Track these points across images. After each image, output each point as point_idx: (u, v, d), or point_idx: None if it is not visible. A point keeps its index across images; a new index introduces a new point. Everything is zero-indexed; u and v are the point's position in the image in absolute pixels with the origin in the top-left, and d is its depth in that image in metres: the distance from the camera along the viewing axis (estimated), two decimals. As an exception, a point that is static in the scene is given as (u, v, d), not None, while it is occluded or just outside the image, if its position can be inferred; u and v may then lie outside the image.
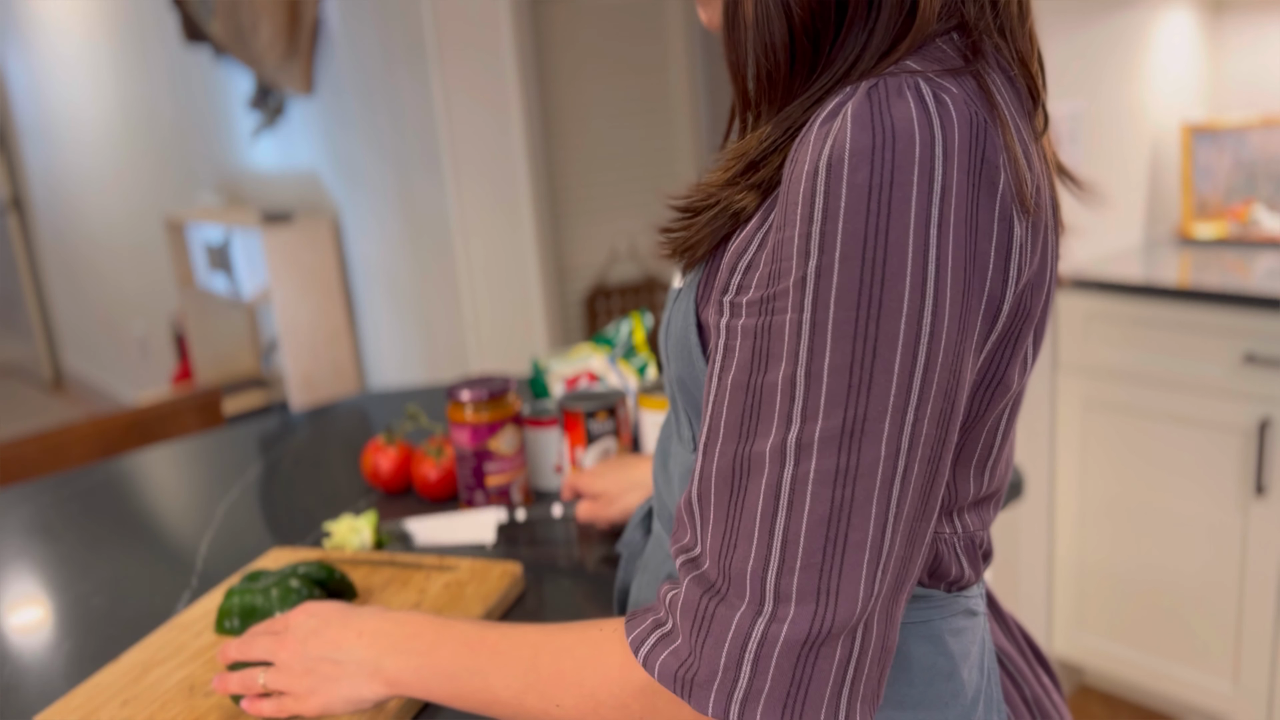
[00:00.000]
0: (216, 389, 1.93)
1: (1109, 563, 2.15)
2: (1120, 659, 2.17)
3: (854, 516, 0.54)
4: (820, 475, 0.54)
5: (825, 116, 0.55)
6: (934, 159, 0.53)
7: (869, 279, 0.52)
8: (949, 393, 0.55)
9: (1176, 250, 2.23)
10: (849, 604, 0.54)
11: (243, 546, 1.19)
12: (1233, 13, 2.36)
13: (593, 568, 1.08)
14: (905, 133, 0.53)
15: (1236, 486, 1.93)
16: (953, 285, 0.54)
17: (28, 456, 1.70)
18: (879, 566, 0.54)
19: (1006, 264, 0.56)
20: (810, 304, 0.53)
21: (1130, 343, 2.01)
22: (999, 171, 0.55)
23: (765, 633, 0.54)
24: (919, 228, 0.53)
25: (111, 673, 0.91)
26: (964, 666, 0.69)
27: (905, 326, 0.53)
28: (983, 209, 0.54)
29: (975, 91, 0.57)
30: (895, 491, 0.54)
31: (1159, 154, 2.32)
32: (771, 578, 0.54)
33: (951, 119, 0.54)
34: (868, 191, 0.52)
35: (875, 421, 0.53)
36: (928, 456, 0.55)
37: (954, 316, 0.54)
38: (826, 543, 0.54)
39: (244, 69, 3.19)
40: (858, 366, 0.53)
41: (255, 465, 1.47)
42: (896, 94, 0.54)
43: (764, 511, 0.55)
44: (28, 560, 1.22)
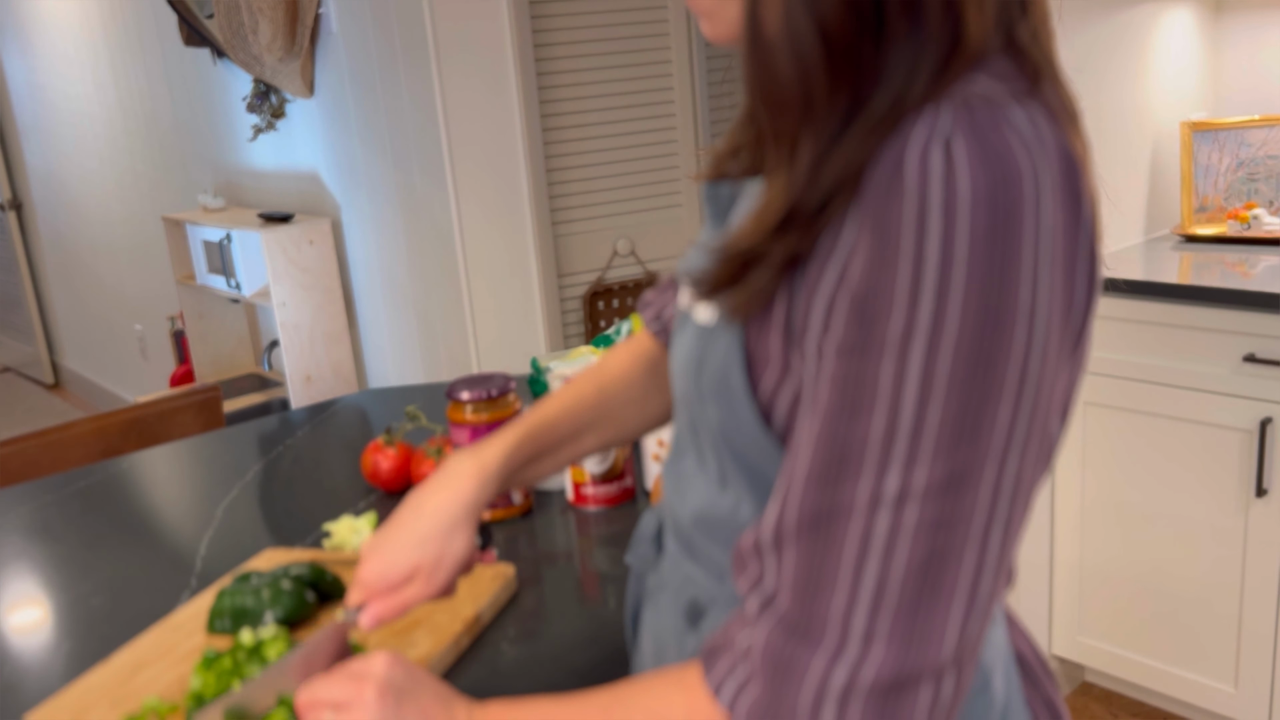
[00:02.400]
0: (216, 389, 1.93)
1: (1109, 562, 2.15)
2: (1120, 659, 2.17)
3: (949, 563, 0.53)
4: (920, 523, 0.52)
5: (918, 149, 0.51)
6: (1039, 197, 0.51)
7: (988, 328, 0.51)
8: (1045, 431, 0.55)
9: (1177, 250, 2.23)
10: (938, 646, 0.53)
11: (242, 546, 1.19)
12: (1233, 13, 2.36)
13: (591, 568, 1.08)
14: (1016, 171, 0.51)
15: (1237, 486, 1.93)
16: (1050, 326, 0.53)
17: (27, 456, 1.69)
18: (972, 608, 0.54)
19: (1090, 296, 0.55)
20: (922, 353, 0.51)
21: (1130, 342, 2.01)
22: (1083, 202, 0.54)
23: (851, 675, 0.53)
24: (1030, 271, 0.51)
25: (102, 673, 0.91)
26: (994, 677, 0.69)
27: (1011, 373, 0.52)
28: (1074, 240, 0.53)
29: (1049, 115, 0.55)
30: (995, 535, 0.54)
31: (1159, 153, 2.32)
32: (860, 619, 0.53)
33: (1052, 149, 0.52)
34: (990, 236, 0.50)
35: (978, 470, 0.52)
36: (1025, 497, 0.55)
37: (1050, 356, 0.53)
38: (923, 587, 0.53)
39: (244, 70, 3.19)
40: (970, 414, 0.51)
41: (255, 465, 1.47)
42: (994, 128, 0.51)
43: (854, 557, 0.53)
44: (27, 560, 1.22)
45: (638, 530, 0.86)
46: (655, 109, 2.87)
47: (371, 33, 2.69)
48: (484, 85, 2.55)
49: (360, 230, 3.00)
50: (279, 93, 3.15)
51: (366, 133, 2.83)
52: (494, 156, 2.60)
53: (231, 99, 3.42)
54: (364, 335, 3.15)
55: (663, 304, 0.96)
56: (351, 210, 3.01)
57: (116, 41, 4.09)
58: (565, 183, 2.78)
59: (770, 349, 0.60)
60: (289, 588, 0.95)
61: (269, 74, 3.02)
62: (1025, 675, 0.77)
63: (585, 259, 2.87)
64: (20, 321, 5.99)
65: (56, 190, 5.16)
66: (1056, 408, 0.56)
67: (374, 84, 2.74)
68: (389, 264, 2.92)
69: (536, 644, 0.94)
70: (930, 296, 0.51)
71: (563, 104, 2.73)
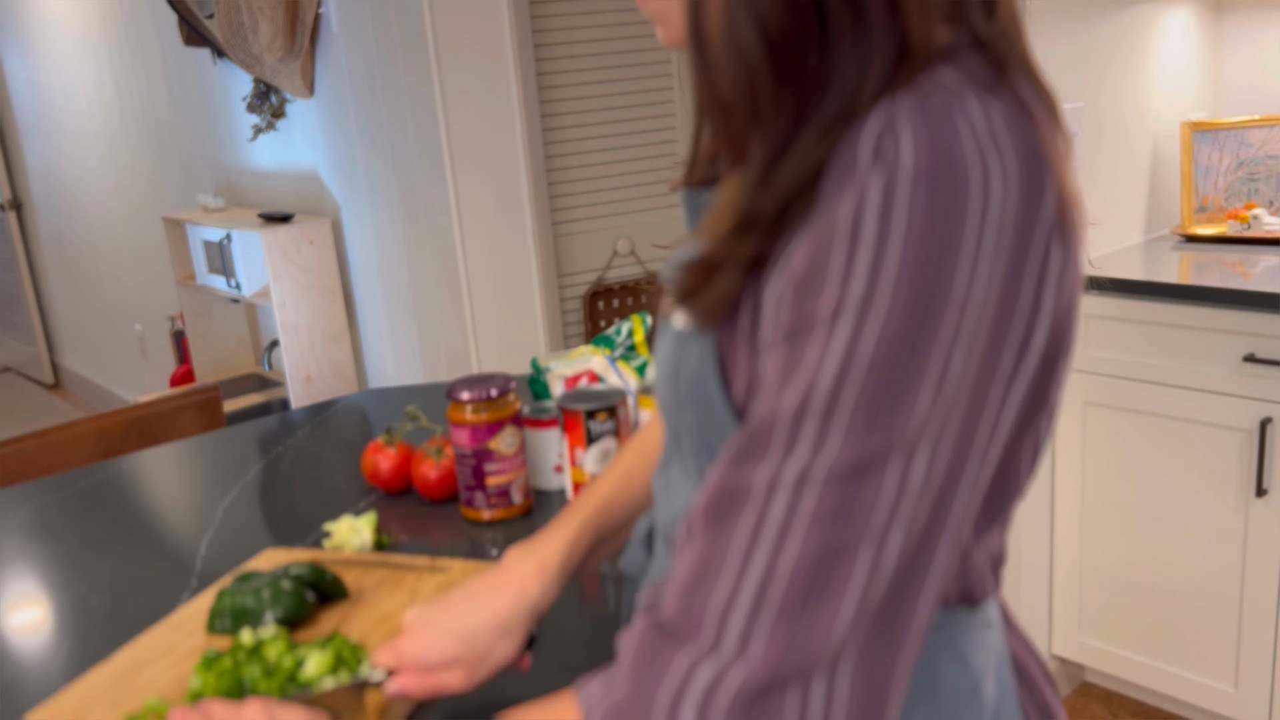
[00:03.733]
0: (216, 389, 1.93)
1: (1109, 562, 2.15)
2: (1120, 659, 2.17)
3: (841, 559, 0.50)
4: (817, 512, 0.50)
5: (869, 135, 0.51)
6: (989, 184, 0.50)
7: (919, 309, 0.49)
8: (964, 430, 0.52)
9: (1177, 250, 2.23)
10: (815, 650, 0.50)
11: (242, 546, 1.19)
12: (1233, 12, 2.36)
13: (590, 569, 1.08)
14: (962, 159, 0.50)
15: (1237, 486, 1.93)
16: (988, 318, 0.51)
17: (27, 456, 1.69)
18: (860, 614, 0.50)
19: (1041, 292, 0.53)
20: (848, 333, 0.49)
21: (1130, 342, 2.01)
22: (1047, 197, 0.52)
23: (715, 677, 0.50)
24: (972, 260, 0.50)
25: (102, 673, 0.91)
26: (985, 682, 0.68)
27: (936, 360, 0.50)
28: (1029, 238, 0.52)
29: (1017, 110, 0.54)
30: (894, 538, 0.50)
31: (1159, 153, 2.32)
32: (738, 617, 0.50)
33: (1006, 143, 0.51)
34: (928, 219, 0.49)
35: (885, 460, 0.50)
36: (935, 499, 0.52)
37: (983, 351, 0.51)
38: (811, 586, 0.49)
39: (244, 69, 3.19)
40: (887, 400, 0.49)
41: (255, 465, 1.47)
42: (945, 116, 0.51)
43: (743, 545, 0.50)
44: (27, 560, 1.22)
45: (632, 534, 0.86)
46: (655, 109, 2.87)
47: (371, 33, 2.69)
48: (484, 85, 2.55)
49: (360, 230, 3.00)
50: (279, 93, 3.15)
51: (366, 133, 2.84)
52: (494, 156, 2.60)
53: (231, 99, 3.42)
54: (364, 335, 3.15)
55: None
56: (351, 210, 3.02)
57: (116, 42, 4.09)
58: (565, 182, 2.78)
59: (740, 355, 0.59)
60: (289, 588, 0.95)
61: (269, 74, 3.02)
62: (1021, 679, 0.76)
63: (585, 259, 2.88)
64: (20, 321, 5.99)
65: (56, 190, 5.16)
66: (988, 421, 0.53)
67: (374, 84, 2.74)
68: (389, 264, 2.92)
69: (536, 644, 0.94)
70: (863, 273, 0.49)
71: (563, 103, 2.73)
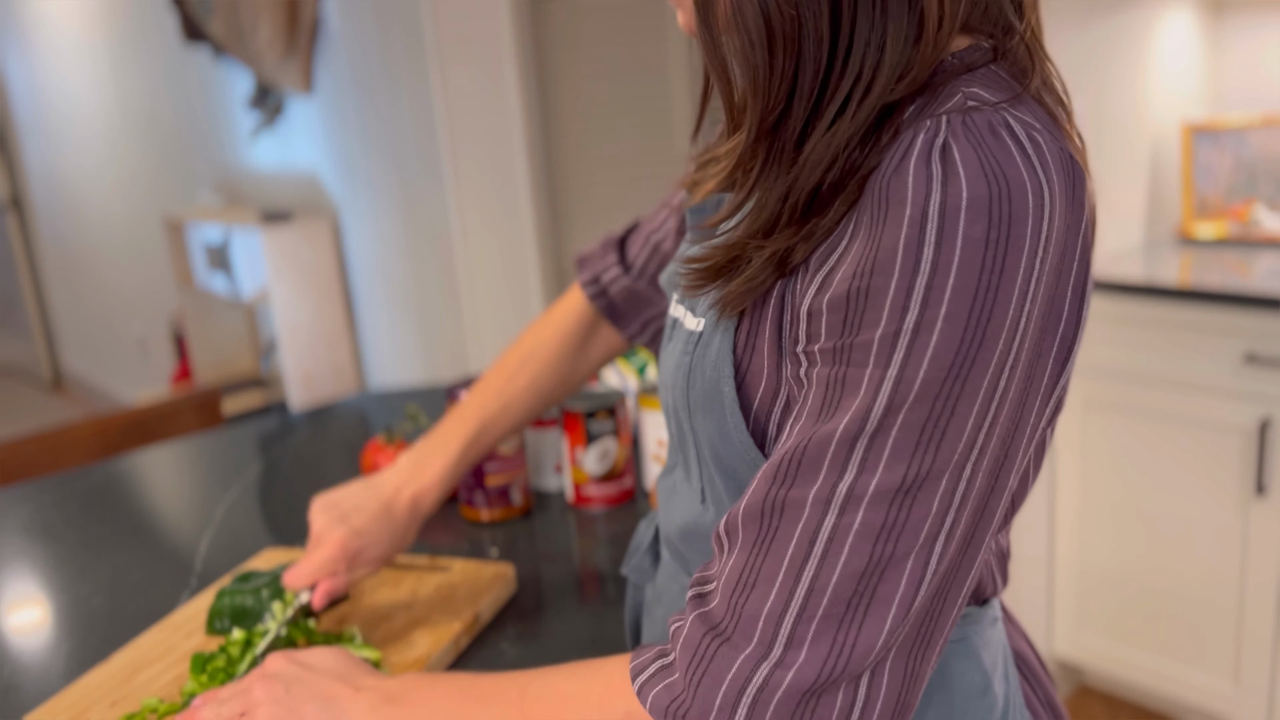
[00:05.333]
0: (216, 389, 1.93)
1: (1109, 563, 2.15)
2: (1121, 659, 2.17)
3: (889, 571, 0.52)
4: (865, 529, 0.51)
5: (920, 157, 0.51)
6: (1043, 210, 0.50)
7: (970, 337, 0.50)
8: (1006, 441, 0.53)
9: (1177, 250, 2.23)
10: (863, 654, 0.52)
11: (242, 546, 1.19)
12: (1233, 13, 2.36)
13: (591, 568, 1.08)
14: (1018, 182, 0.50)
15: (1237, 487, 1.93)
16: (1033, 336, 0.52)
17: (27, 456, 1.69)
18: (904, 619, 0.52)
19: (1081, 304, 0.54)
20: (901, 359, 0.50)
21: (1131, 343, 2.01)
22: (1084, 210, 0.53)
23: (768, 678, 0.52)
24: (1024, 283, 0.50)
25: (101, 673, 0.91)
26: (995, 678, 0.69)
27: (988, 384, 0.51)
28: (1069, 253, 0.52)
29: (1050, 122, 0.54)
30: (938, 548, 0.52)
31: (1159, 154, 2.32)
32: (788, 623, 0.52)
33: (1049, 161, 0.51)
34: (984, 246, 0.49)
35: (935, 480, 0.51)
36: (976, 509, 0.53)
37: (1026, 366, 0.52)
38: (855, 595, 0.52)
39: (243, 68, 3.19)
40: (931, 425, 0.51)
41: (255, 465, 1.47)
42: (993, 135, 0.51)
43: (794, 557, 0.53)
44: (28, 560, 1.22)
45: (634, 540, 0.86)
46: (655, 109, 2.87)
47: (371, 31, 2.69)
48: (483, 84, 2.55)
49: (360, 230, 3.00)
50: (279, 92, 3.15)
51: (366, 132, 2.83)
52: (493, 156, 2.60)
53: (231, 99, 3.42)
54: (363, 336, 3.15)
55: (601, 267, 0.99)
56: (351, 210, 3.01)
57: (116, 41, 4.09)
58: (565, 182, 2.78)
59: (762, 361, 0.60)
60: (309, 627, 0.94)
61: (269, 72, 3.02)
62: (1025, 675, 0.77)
63: (585, 259, 2.87)
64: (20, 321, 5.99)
65: (56, 190, 5.16)
66: (1026, 430, 0.54)
67: (373, 83, 2.74)
68: (388, 264, 2.92)
69: (536, 644, 0.94)
70: (918, 302, 0.50)
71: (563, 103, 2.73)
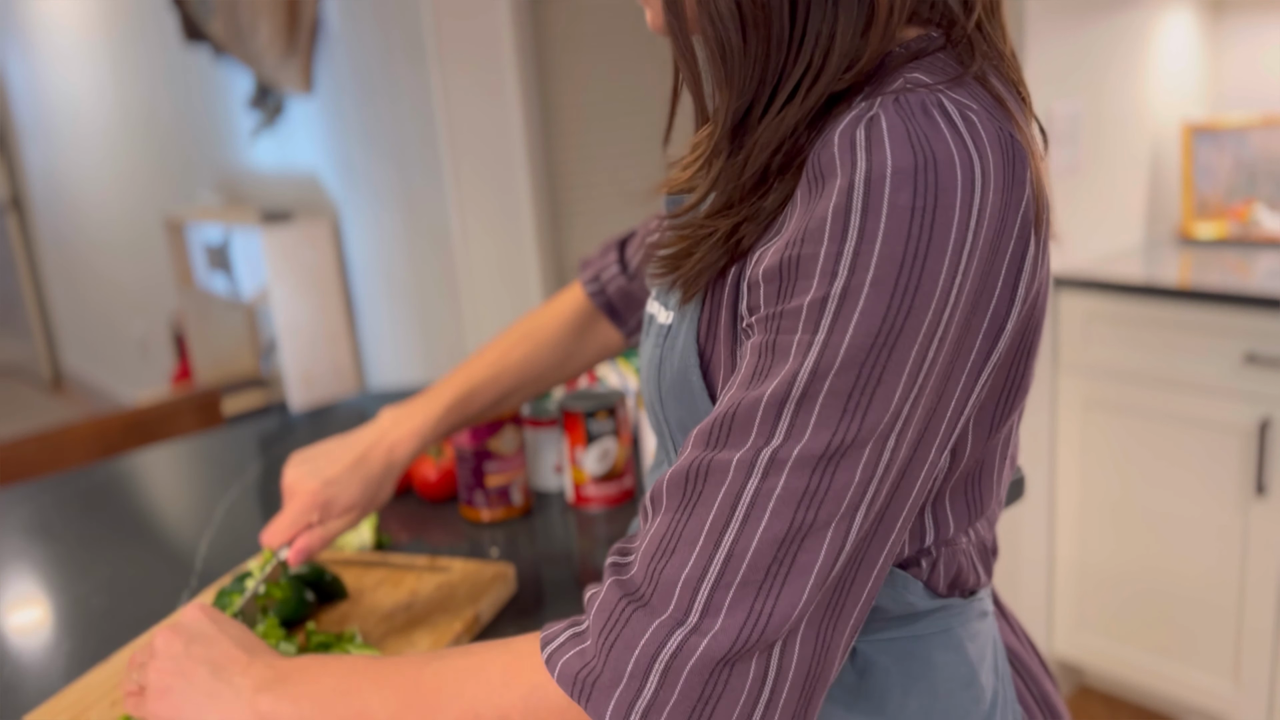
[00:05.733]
0: (216, 389, 1.93)
1: (1109, 563, 2.15)
2: (1121, 659, 2.17)
3: (809, 539, 0.51)
4: (787, 494, 0.51)
5: (847, 131, 0.52)
6: (974, 183, 0.51)
7: (897, 306, 0.50)
8: (929, 414, 0.53)
9: (1177, 250, 2.23)
10: (778, 623, 0.51)
11: (242, 546, 1.19)
12: (1233, 12, 2.36)
13: (591, 568, 1.08)
14: (945, 154, 0.51)
15: (1237, 486, 1.93)
16: (962, 310, 0.52)
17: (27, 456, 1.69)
18: (820, 590, 0.52)
19: (1016, 283, 0.54)
20: (828, 325, 0.51)
21: (1131, 343, 2.01)
22: (1025, 189, 0.53)
23: (682, 644, 0.51)
24: (954, 255, 0.51)
25: (102, 673, 0.91)
26: (982, 671, 0.69)
27: (915, 354, 0.51)
28: (1007, 231, 0.53)
29: (992, 104, 0.55)
30: (859, 518, 0.52)
31: (1159, 154, 2.32)
32: (705, 589, 0.52)
33: (983, 139, 0.52)
34: (910, 214, 0.50)
35: (858, 448, 0.51)
36: (896, 481, 0.53)
37: (955, 340, 0.52)
38: (774, 562, 0.51)
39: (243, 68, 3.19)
40: (858, 392, 0.51)
41: (255, 465, 1.47)
42: (924, 112, 0.52)
43: (715, 521, 0.52)
44: (28, 560, 1.22)
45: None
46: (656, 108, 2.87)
47: (371, 31, 2.69)
48: (484, 84, 2.55)
49: (359, 230, 3.00)
50: (279, 92, 3.15)
51: (366, 132, 2.84)
52: (494, 156, 2.60)
53: (231, 99, 3.42)
54: (363, 335, 3.15)
55: (601, 266, 1.02)
56: (351, 210, 3.02)
57: (116, 41, 4.09)
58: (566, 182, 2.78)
59: (721, 348, 0.61)
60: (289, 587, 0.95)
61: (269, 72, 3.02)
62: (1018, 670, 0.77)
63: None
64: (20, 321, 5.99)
65: (56, 190, 5.16)
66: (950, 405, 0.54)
67: (373, 83, 2.74)
68: (388, 264, 2.92)
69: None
70: (845, 268, 0.51)
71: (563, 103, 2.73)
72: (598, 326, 1.04)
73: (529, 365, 1.00)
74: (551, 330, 1.01)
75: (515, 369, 0.99)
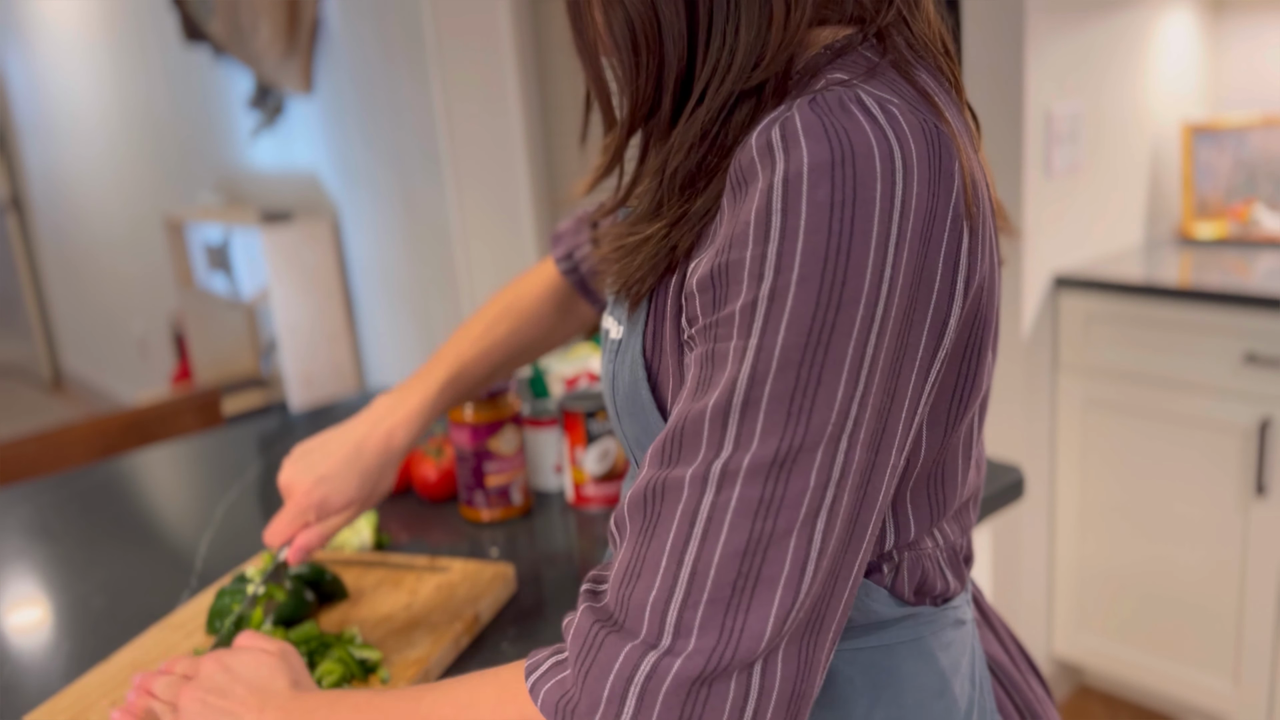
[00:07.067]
0: (216, 389, 1.93)
1: (1109, 563, 2.15)
2: (1121, 659, 2.17)
3: (772, 550, 0.50)
4: (742, 505, 0.50)
5: (764, 133, 0.52)
6: (894, 173, 0.50)
7: (825, 301, 0.50)
8: (882, 414, 0.52)
9: (1177, 250, 2.23)
10: (752, 640, 0.50)
11: (242, 546, 1.19)
12: (1233, 12, 2.36)
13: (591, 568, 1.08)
14: (864, 146, 0.50)
15: (1237, 486, 1.93)
16: (899, 304, 0.51)
17: (27, 456, 1.69)
18: (793, 603, 0.51)
19: (954, 275, 0.53)
20: (760, 328, 0.51)
21: (1131, 343, 2.01)
22: (954, 180, 0.52)
23: (655, 666, 0.51)
24: (880, 247, 0.50)
25: (102, 673, 0.91)
26: (955, 680, 0.68)
27: (853, 351, 0.50)
28: (937, 222, 0.52)
29: (915, 97, 0.55)
30: (821, 524, 0.51)
31: (1159, 154, 2.32)
32: (673, 611, 0.51)
33: (904, 129, 0.51)
34: (829, 209, 0.49)
35: (809, 451, 0.50)
36: (857, 484, 0.52)
37: (896, 335, 0.52)
38: (739, 577, 0.50)
39: (243, 68, 3.19)
40: (800, 394, 0.50)
41: (254, 465, 1.47)
42: (840, 107, 0.51)
43: (675, 539, 0.52)
44: (27, 560, 1.22)
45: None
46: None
47: (371, 31, 2.69)
48: (483, 84, 2.55)
49: (359, 230, 3.00)
50: (279, 92, 3.15)
51: (366, 132, 2.84)
52: (494, 155, 2.60)
53: (231, 99, 3.42)
54: (363, 335, 3.15)
55: (574, 244, 1.03)
56: (351, 210, 3.02)
57: (116, 41, 4.09)
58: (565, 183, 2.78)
59: (670, 360, 0.61)
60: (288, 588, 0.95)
61: (269, 72, 3.02)
62: (1000, 679, 0.76)
63: (585, 259, 2.87)
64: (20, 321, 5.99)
65: (56, 190, 5.16)
66: (904, 404, 0.54)
67: (373, 83, 2.74)
68: (388, 264, 2.92)
69: (536, 643, 0.94)
70: (770, 269, 0.50)
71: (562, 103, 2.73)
72: (576, 301, 1.06)
73: (515, 338, 1.01)
74: (534, 303, 1.03)
75: (502, 344, 1.01)
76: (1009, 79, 1.95)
